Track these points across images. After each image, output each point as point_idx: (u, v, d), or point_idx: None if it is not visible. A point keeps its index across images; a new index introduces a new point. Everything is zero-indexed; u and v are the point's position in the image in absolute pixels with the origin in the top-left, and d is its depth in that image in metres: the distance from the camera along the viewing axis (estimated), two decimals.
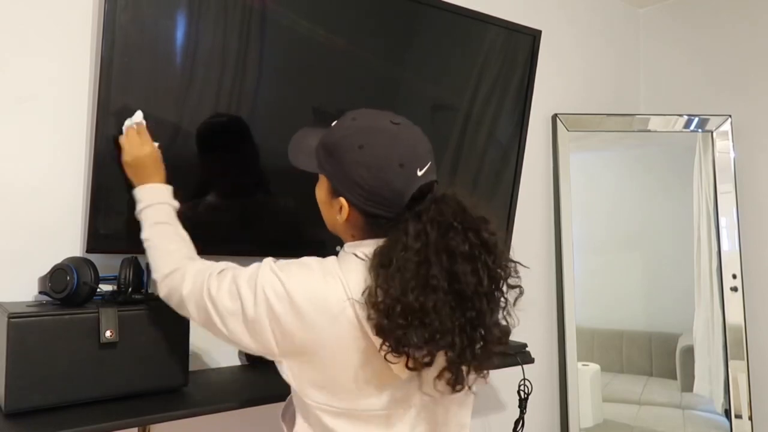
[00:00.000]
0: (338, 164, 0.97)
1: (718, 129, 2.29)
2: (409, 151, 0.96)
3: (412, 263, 0.88)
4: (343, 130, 0.99)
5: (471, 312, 0.91)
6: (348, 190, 0.96)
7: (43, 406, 1.10)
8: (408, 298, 0.87)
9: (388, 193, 0.94)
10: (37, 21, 1.31)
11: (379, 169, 0.94)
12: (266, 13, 1.42)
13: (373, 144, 0.95)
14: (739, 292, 2.20)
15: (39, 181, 1.31)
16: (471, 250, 0.91)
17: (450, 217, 0.92)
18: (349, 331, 0.92)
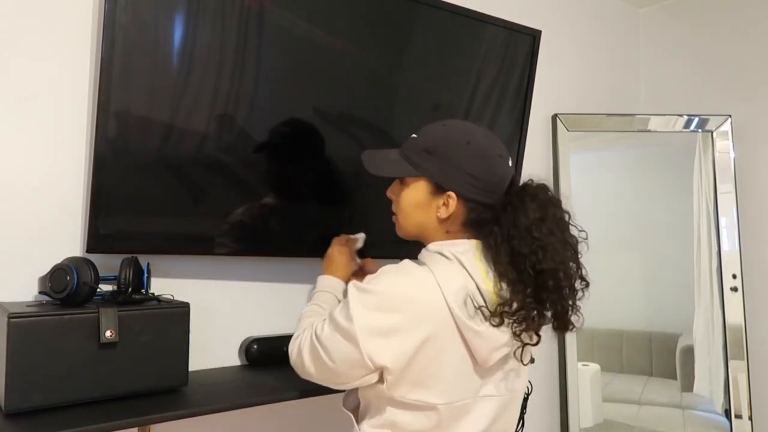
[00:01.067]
0: (446, 160, 1.08)
1: (718, 129, 2.29)
2: (499, 145, 1.12)
3: (543, 233, 1.02)
4: (442, 133, 1.12)
5: (579, 271, 1.08)
6: (459, 183, 1.07)
7: (43, 406, 1.10)
8: (551, 260, 1.02)
9: (496, 179, 1.08)
10: (37, 21, 1.31)
11: (487, 159, 1.08)
12: (264, 14, 1.42)
13: (477, 140, 1.09)
14: (739, 292, 2.20)
15: (39, 181, 1.31)
16: (567, 223, 1.09)
17: (549, 195, 1.09)
18: (443, 325, 1.01)
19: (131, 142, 1.30)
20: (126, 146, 1.29)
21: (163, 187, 1.36)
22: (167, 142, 1.34)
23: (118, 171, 1.28)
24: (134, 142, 1.31)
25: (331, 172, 1.57)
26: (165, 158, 1.34)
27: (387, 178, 1.18)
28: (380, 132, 1.65)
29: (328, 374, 1.09)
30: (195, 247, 1.43)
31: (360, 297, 1.04)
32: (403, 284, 1.04)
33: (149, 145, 1.32)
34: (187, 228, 1.40)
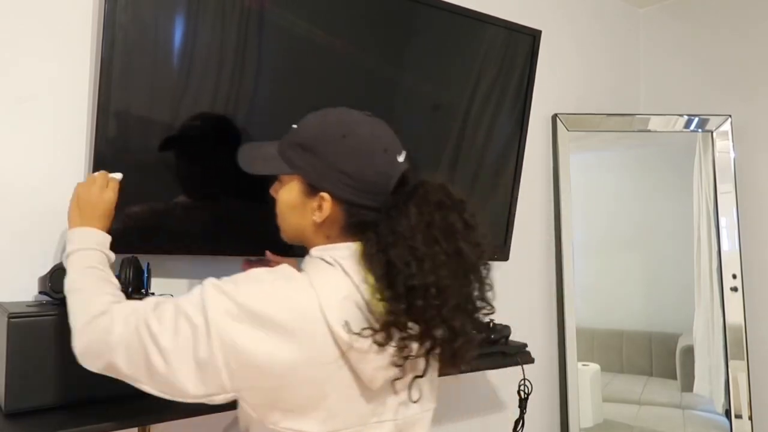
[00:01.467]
0: (319, 158, 0.95)
1: (718, 129, 2.29)
2: (389, 137, 0.98)
3: (420, 243, 0.88)
4: (317, 126, 0.98)
5: (469, 287, 0.93)
6: (332, 182, 0.94)
7: (43, 406, 1.10)
8: (424, 275, 0.87)
9: (377, 178, 0.94)
10: (37, 21, 1.31)
11: (366, 154, 0.94)
12: (264, 14, 1.42)
13: (356, 132, 0.95)
14: (739, 292, 2.20)
15: (39, 180, 1.31)
16: (465, 228, 0.92)
17: (442, 197, 0.92)
18: (321, 344, 0.86)
19: (131, 142, 1.30)
20: (126, 146, 1.29)
21: (164, 187, 1.36)
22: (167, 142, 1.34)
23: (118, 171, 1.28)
24: (134, 142, 1.31)
25: None
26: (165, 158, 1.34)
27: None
28: None
29: (143, 376, 0.89)
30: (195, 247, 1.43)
31: (222, 301, 0.86)
32: (274, 298, 0.87)
33: (149, 145, 1.32)
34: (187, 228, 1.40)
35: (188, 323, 0.86)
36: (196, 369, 0.85)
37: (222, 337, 0.84)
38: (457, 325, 0.90)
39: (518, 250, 2.10)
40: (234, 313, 0.85)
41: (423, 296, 0.86)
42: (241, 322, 0.85)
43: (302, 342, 0.85)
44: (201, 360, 0.85)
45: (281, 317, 0.85)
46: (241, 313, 0.85)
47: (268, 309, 0.85)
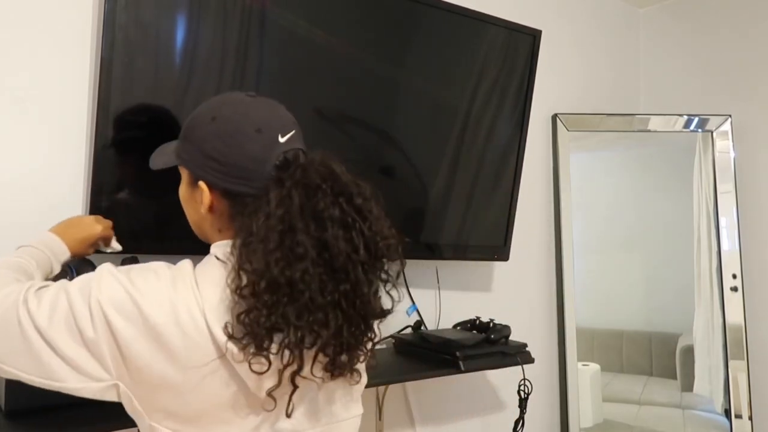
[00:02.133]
0: (193, 144, 0.87)
1: (718, 129, 2.29)
2: (267, 116, 0.87)
3: (275, 232, 0.77)
4: (196, 112, 0.90)
5: (345, 284, 0.80)
6: (204, 168, 0.86)
7: (43, 406, 1.10)
8: (272, 271, 0.76)
9: (246, 161, 0.83)
10: (38, 21, 1.31)
11: (232, 135, 0.84)
12: (265, 14, 1.42)
13: (226, 114, 0.86)
14: (739, 292, 2.20)
15: (39, 180, 1.31)
16: (342, 216, 0.81)
17: (317, 180, 0.81)
18: (202, 348, 0.78)
19: (131, 141, 1.30)
20: (126, 146, 1.29)
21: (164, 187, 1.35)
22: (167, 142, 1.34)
23: (118, 171, 1.28)
24: (134, 142, 1.31)
25: None
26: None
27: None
28: (380, 132, 1.65)
29: (15, 361, 0.80)
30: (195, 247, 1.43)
31: (100, 285, 0.81)
32: (158, 297, 0.79)
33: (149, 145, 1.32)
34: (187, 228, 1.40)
35: (69, 302, 0.80)
36: (75, 351, 0.78)
37: (106, 329, 0.78)
38: (316, 327, 0.78)
39: (518, 250, 2.10)
40: (125, 310, 0.78)
41: (271, 292, 0.76)
42: (128, 320, 0.78)
43: (177, 347, 0.78)
44: (85, 340, 0.78)
45: (159, 319, 0.78)
46: (133, 309, 0.78)
47: (150, 308, 0.78)
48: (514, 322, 1.85)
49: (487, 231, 1.90)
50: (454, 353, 1.60)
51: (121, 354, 0.78)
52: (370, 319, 0.85)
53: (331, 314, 0.79)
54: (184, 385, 0.79)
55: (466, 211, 1.84)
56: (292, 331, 0.77)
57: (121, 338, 0.78)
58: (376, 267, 0.85)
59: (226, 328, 0.77)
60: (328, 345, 0.80)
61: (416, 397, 1.90)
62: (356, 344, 0.84)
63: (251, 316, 0.76)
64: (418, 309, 1.87)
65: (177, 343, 0.78)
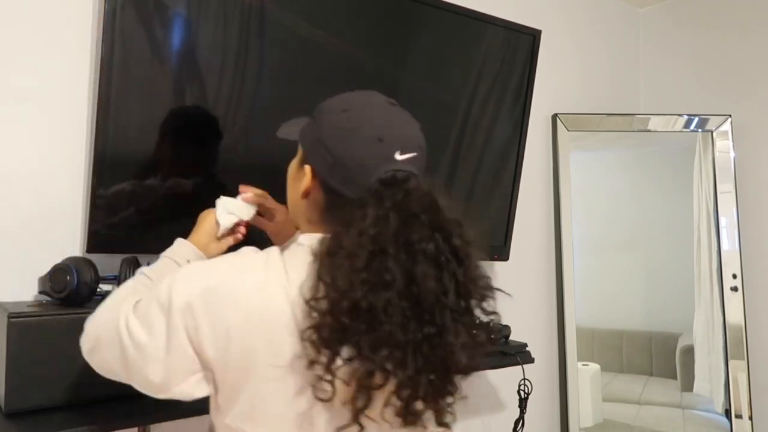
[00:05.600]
0: (317, 126, 0.85)
1: (718, 129, 2.29)
2: (396, 130, 0.84)
3: (365, 251, 0.73)
4: (336, 97, 0.89)
5: (430, 327, 0.73)
6: (314, 154, 0.84)
7: (43, 406, 1.10)
8: (356, 293, 0.71)
9: (353, 164, 0.80)
10: (38, 21, 1.31)
11: (352, 132, 0.81)
12: (265, 14, 1.42)
13: (359, 111, 0.84)
14: (739, 292, 2.20)
15: (39, 180, 1.31)
16: (436, 253, 0.75)
17: (417, 208, 0.76)
18: (283, 338, 0.76)
19: (131, 141, 1.30)
20: (126, 146, 1.29)
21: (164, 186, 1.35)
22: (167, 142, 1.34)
23: (118, 171, 1.28)
24: (134, 142, 1.31)
25: None
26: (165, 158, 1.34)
27: None
28: None
29: (134, 365, 0.81)
30: None
31: (186, 278, 0.82)
32: (242, 278, 0.79)
33: (149, 145, 1.32)
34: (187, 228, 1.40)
35: (159, 310, 0.81)
36: (165, 355, 0.79)
37: (185, 319, 0.79)
38: (396, 368, 0.72)
39: (518, 250, 2.10)
40: (198, 300, 0.79)
41: (330, 312, 0.72)
42: (203, 297, 0.78)
43: (262, 333, 0.77)
44: (168, 345, 0.79)
45: (246, 306, 0.78)
46: (205, 299, 0.79)
47: (231, 292, 0.78)
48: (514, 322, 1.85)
49: (487, 231, 1.90)
50: None
51: (202, 334, 0.78)
52: (452, 373, 0.77)
53: (410, 355, 0.73)
54: (256, 378, 0.78)
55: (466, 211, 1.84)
56: (362, 364, 0.72)
57: (197, 316, 0.78)
58: (465, 317, 0.77)
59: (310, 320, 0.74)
60: (403, 388, 0.74)
61: None
62: (434, 395, 0.77)
63: (322, 334, 0.72)
64: None
65: (255, 320, 0.77)
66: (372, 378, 0.73)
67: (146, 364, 0.80)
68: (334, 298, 0.72)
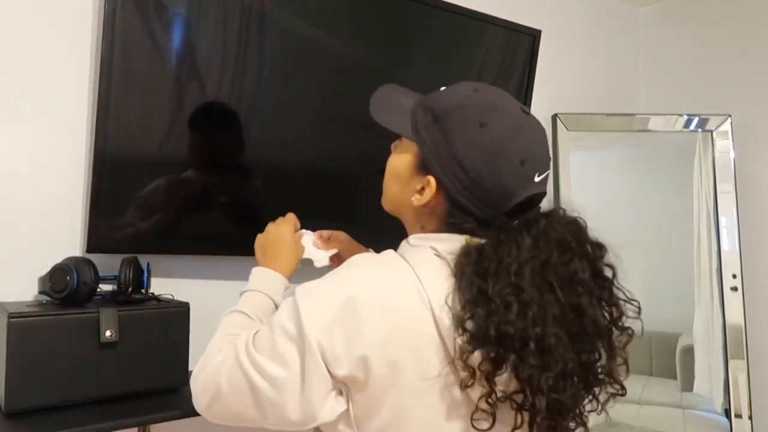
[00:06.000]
0: (445, 136, 0.80)
1: (718, 129, 2.29)
2: (534, 149, 0.79)
3: (529, 283, 0.72)
4: (462, 98, 0.82)
5: (587, 355, 0.75)
6: (445, 170, 0.79)
7: (43, 406, 1.10)
8: (526, 324, 0.70)
9: (494, 188, 0.77)
10: (38, 21, 1.31)
11: (496, 156, 0.76)
12: (265, 14, 1.42)
13: (497, 127, 0.78)
14: (739, 292, 2.20)
15: (39, 180, 1.31)
16: (590, 281, 0.76)
17: (568, 236, 0.76)
18: (429, 349, 0.73)
19: (131, 142, 1.30)
20: (126, 146, 1.29)
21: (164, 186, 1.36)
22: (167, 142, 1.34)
23: (118, 171, 1.28)
24: (134, 142, 1.31)
25: (332, 173, 1.57)
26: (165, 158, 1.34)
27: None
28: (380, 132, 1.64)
29: (271, 404, 0.77)
30: (195, 247, 1.43)
31: (310, 301, 0.77)
32: (374, 286, 0.76)
33: (149, 145, 1.32)
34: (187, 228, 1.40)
35: (287, 340, 0.76)
36: (302, 386, 0.75)
37: (312, 327, 0.75)
38: (562, 398, 0.71)
39: None
40: (331, 320, 0.75)
41: (519, 350, 0.70)
42: (332, 321, 0.75)
43: (403, 341, 0.73)
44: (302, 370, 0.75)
45: (381, 312, 0.74)
46: (332, 309, 0.75)
47: (366, 300, 0.75)
48: None
49: None
50: None
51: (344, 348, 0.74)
52: (599, 393, 0.80)
53: (567, 384, 0.73)
54: (400, 385, 0.75)
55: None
56: (538, 399, 0.71)
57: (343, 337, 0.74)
58: (614, 339, 0.79)
59: (463, 335, 0.71)
60: (555, 412, 0.73)
61: None
62: (579, 413, 0.78)
63: (482, 366, 0.70)
64: None
65: (386, 331, 0.74)
66: (536, 409, 0.72)
67: (286, 400, 0.75)
68: (504, 332, 0.70)
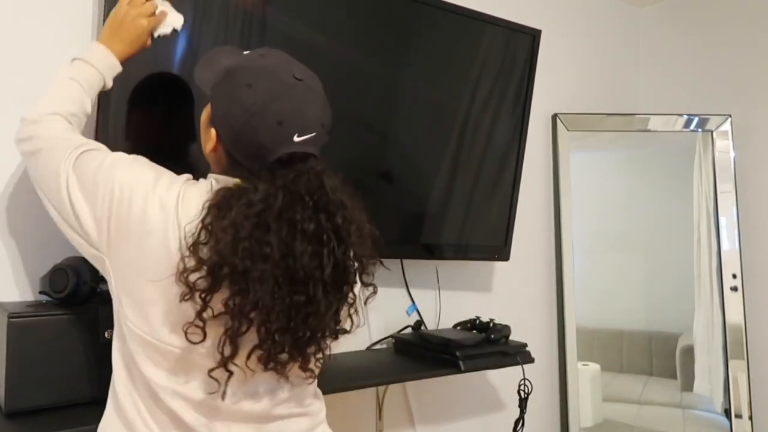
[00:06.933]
0: (222, 94, 0.90)
1: (718, 129, 2.29)
2: (296, 112, 0.87)
3: (249, 223, 0.81)
4: (247, 60, 0.91)
5: (300, 296, 0.83)
6: (220, 124, 0.90)
7: (43, 406, 1.10)
8: (235, 260, 0.80)
9: (254, 146, 0.86)
10: (38, 21, 1.31)
11: (253, 115, 0.85)
12: (266, 17, 1.42)
13: (262, 88, 0.86)
14: (739, 292, 2.20)
15: None
16: (317, 232, 0.83)
17: (302, 190, 0.84)
18: (161, 250, 0.84)
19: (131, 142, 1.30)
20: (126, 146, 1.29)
21: None
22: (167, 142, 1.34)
23: None
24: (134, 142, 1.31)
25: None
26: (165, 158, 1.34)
27: None
28: (381, 133, 1.65)
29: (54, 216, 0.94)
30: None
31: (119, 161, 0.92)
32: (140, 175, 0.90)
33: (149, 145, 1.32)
34: None
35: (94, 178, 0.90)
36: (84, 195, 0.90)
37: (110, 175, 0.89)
38: (266, 328, 0.82)
39: (518, 250, 2.10)
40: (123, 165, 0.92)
41: (226, 276, 0.80)
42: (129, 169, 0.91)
43: (146, 235, 0.85)
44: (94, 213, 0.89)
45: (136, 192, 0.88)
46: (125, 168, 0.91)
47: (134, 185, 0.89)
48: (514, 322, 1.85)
49: (488, 231, 1.90)
50: (454, 353, 1.60)
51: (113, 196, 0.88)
52: (319, 336, 0.87)
53: (274, 316, 0.82)
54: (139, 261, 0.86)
55: (467, 212, 1.84)
56: (231, 319, 0.81)
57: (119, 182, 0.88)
58: (341, 289, 0.87)
59: (189, 261, 0.82)
60: (265, 342, 0.83)
61: (416, 397, 1.91)
62: (299, 349, 0.86)
63: (197, 284, 0.81)
64: (418, 309, 1.87)
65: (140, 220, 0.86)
66: (239, 332, 0.82)
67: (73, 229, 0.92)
68: (216, 262, 0.80)
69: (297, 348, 0.86)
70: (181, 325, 0.84)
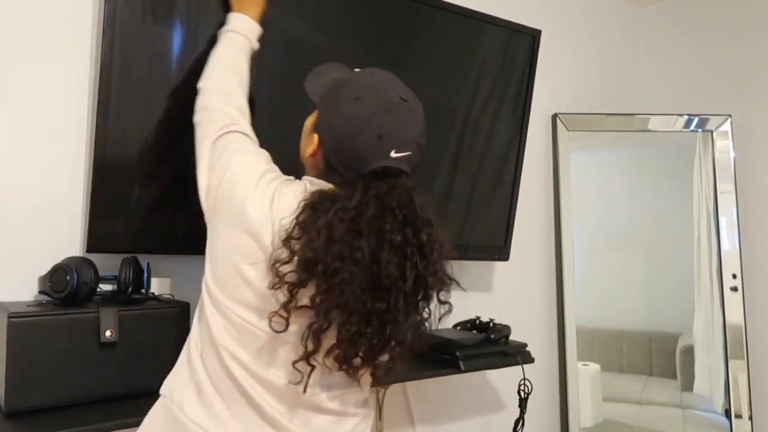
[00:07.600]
0: (329, 104, 0.96)
1: (718, 129, 2.29)
2: (396, 129, 0.92)
3: (343, 227, 0.85)
4: (357, 76, 0.98)
5: (382, 303, 0.86)
6: (324, 131, 0.95)
7: (43, 406, 1.10)
8: (327, 258, 0.84)
9: (353, 156, 0.92)
10: (38, 22, 1.31)
11: (357, 127, 0.91)
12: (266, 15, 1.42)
13: (368, 103, 0.92)
14: (739, 292, 2.20)
15: (39, 180, 1.31)
16: (403, 244, 0.87)
17: (394, 203, 0.88)
18: (255, 240, 0.90)
19: (131, 141, 1.30)
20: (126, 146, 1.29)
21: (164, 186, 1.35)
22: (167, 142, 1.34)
23: (118, 171, 1.28)
24: (134, 142, 1.31)
25: None
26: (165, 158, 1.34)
27: None
28: None
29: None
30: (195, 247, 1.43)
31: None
32: (249, 172, 0.96)
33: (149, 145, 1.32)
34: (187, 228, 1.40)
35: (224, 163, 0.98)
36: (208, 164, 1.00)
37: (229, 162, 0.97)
38: (346, 330, 0.86)
39: (518, 250, 2.10)
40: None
41: (318, 274, 0.84)
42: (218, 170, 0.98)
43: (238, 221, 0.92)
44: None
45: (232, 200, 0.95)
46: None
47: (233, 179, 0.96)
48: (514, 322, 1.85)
49: (488, 231, 1.90)
50: (454, 353, 1.60)
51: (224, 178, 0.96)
52: (393, 344, 0.90)
53: (356, 319, 0.86)
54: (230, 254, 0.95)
55: (467, 212, 1.84)
56: (314, 317, 0.85)
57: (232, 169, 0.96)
58: (419, 303, 0.91)
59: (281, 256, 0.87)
60: (342, 343, 0.87)
61: (416, 397, 1.91)
62: (372, 355, 0.90)
63: (287, 277, 0.85)
64: None
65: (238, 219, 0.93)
66: (322, 328, 0.86)
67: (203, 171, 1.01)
68: (308, 254, 0.84)
69: (371, 353, 0.89)
70: (267, 312, 0.88)
